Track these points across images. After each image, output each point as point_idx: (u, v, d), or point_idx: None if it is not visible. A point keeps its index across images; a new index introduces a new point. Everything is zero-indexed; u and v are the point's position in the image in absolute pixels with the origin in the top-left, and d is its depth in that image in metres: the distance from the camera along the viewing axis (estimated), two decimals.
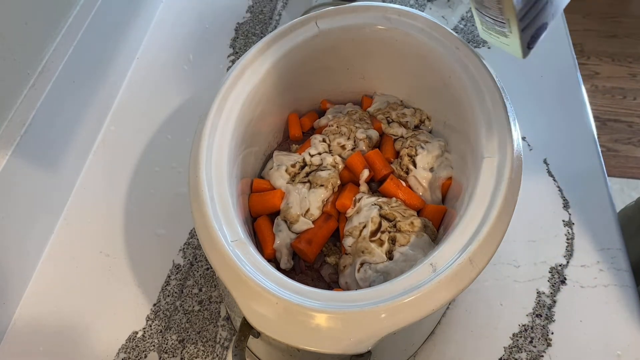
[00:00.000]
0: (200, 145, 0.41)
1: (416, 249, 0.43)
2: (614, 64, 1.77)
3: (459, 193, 0.44)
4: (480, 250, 0.35)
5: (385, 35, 0.50)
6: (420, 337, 0.46)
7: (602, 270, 0.51)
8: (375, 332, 0.33)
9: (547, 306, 0.49)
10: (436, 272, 0.35)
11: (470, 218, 0.38)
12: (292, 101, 0.53)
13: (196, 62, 0.71)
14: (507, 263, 0.52)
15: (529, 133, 0.61)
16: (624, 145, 1.57)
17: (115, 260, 0.53)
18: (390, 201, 0.46)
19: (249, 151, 0.48)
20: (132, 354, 0.47)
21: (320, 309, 0.33)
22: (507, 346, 0.47)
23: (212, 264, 0.36)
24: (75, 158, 0.59)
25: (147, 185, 0.59)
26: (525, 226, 0.54)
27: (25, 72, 0.51)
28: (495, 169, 0.39)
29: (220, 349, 0.47)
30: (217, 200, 0.39)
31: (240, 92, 0.45)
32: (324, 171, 0.48)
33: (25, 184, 0.50)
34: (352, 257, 0.44)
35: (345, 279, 0.44)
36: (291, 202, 0.46)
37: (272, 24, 0.76)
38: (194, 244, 0.54)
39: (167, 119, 0.64)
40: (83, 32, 0.58)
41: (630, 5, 1.96)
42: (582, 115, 0.63)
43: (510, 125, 0.41)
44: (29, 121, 0.50)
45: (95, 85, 0.61)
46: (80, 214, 0.57)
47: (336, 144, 0.51)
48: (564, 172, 0.58)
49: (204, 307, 0.50)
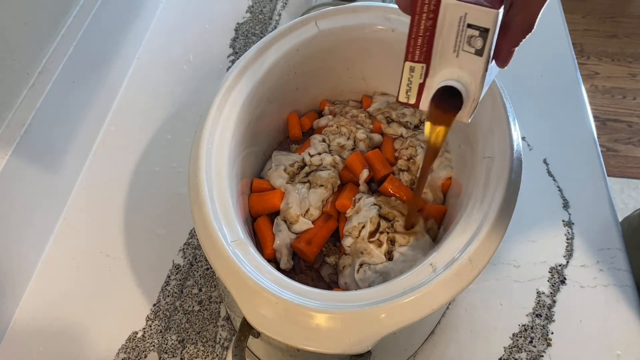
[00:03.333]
0: (200, 145, 0.41)
1: (416, 249, 0.43)
2: (613, 64, 1.77)
3: (459, 193, 0.44)
4: (480, 250, 0.35)
5: (385, 36, 0.50)
6: (420, 337, 0.46)
7: (602, 270, 0.51)
8: (375, 332, 0.33)
9: (547, 306, 0.49)
10: (436, 272, 0.35)
11: (470, 218, 0.38)
12: (292, 101, 0.53)
13: (196, 62, 0.71)
14: (507, 263, 0.52)
15: (529, 133, 0.61)
16: (624, 145, 1.57)
17: (115, 260, 0.53)
18: (390, 200, 0.46)
19: (249, 151, 0.48)
20: (132, 354, 0.47)
21: (320, 309, 0.33)
22: (507, 346, 0.47)
23: (212, 264, 0.36)
24: (75, 158, 0.58)
25: (147, 185, 0.59)
26: (525, 226, 0.54)
27: (25, 72, 0.51)
28: (495, 169, 0.39)
29: (220, 349, 0.47)
30: (217, 200, 0.39)
31: (240, 92, 0.45)
32: (324, 171, 0.48)
33: (25, 184, 0.50)
34: (351, 258, 0.44)
35: (344, 279, 0.44)
36: (291, 202, 0.46)
37: (272, 24, 0.76)
38: (194, 244, 0.54)
39: (167, 119, 0.64)
40: (83, 32, 0.58)
41: (630, 5, 1.96)
42: (582, 115, 0.63)
43: (510, 125, 0.41)
44: (29, 121, 0.50)
45: (95, 85, 0.61)
46: (80, 214, 0.57)
47: (336, 144, 0.51)
48: (564, 172, 0.58)
49: (203, 307, 0.50)
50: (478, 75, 0.32)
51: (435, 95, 0.34)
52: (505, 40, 0.32)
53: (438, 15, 0.31)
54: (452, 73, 0.33)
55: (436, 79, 0.34)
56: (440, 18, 0.31)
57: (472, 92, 0.33)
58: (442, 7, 0.31)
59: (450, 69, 0.33)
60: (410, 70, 0.34)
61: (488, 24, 0.30)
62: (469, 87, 0.33)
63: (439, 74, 0.34)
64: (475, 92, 0.33)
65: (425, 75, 0.34)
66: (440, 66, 0.33)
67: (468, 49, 0.32)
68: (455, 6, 0.31)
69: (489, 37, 0.31)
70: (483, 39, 0.31)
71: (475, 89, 0.33)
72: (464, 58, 0.32)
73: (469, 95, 0.33)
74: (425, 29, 0.32)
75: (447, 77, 0.33)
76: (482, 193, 0.39)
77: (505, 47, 0.32)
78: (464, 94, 0.33)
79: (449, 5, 0.31)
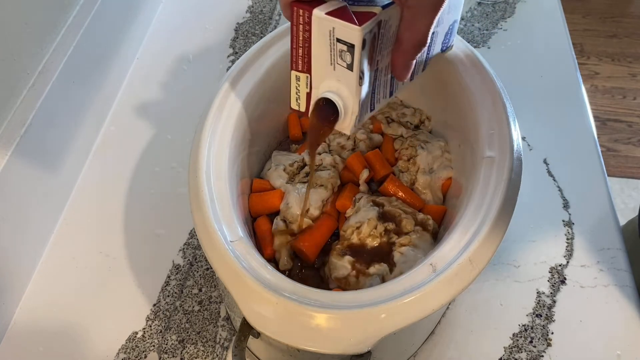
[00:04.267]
0: (200, 145, 0.41)
1: (416, 249, 0.43)
2: (613, 64, 1.77)
3: (459, 193, 0.44)
4: (480, 250, 0.35)
5: None
6: (420, 337, 0.46)
7: (602, 270, 0.51)
8: (375, 332, 0.33)
9: (547, 306, 0.49)
10: (436, 272, 0.35)
11: (470, 218, 0.38)
12: None
13: (196, 62, 0.71)
14: (507, 263, 0.52)
15: (529, 133, 0.61)
16: (624, 145, 1.57)
17: (115, 260, 0.53)
18: (391, 200, 0.46)
19: (249, 151, 0.48)
20: (132, 354, 0.47)
21: (320, 309, 0.33)
22: (507, 346, 0.47)
23: (211, 264, 0.36)
24: (75, 158, 0.58)
25: (147, 185, 0.59)
26: (525, 226, 0.54)
27: (25, 72, 0.51)
28: (495, 169, 0.39)
29: (220, 349, 0.47)
30: (217, 200, 0.39)
31: (240, 92, 0.45)
32: (324, 171, 0.48)
33: (25, 184, 0.50)
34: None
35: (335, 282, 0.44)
36: (291, 202, 0.46)
37: (272, 24, 0.76)
38: (194, 244, 0.54)
39: (167, 119, 0.64)
40: (83, 32, 0.58)
41: (630, 5, 1.96)
42: (582, 115, 0.63)
43: (510, 125, 0.41)
44: (29, 121, 0.50)
45: (95, 85, 0.61)
46: (80, 214, 0.57)
47: (336, 144, 0.51)
48: (564, 172, 0.58)
49: (203, 307, 0.50)
50: (352, 88, 0.32)
51: (317, 106, 0.34)
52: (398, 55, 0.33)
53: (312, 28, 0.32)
54: (332, 85, 0.33)
55: (320, 90, 0.34)
56: (314, 30, 0.32)
57: (350, 106, 0.33)
58: (313, 20, 0.31)
59: (329, 81, 0.33)
60: (296, 79, 0.35)
61: (353, 40, 0.30)
62: (346, 100, 0.33)
63: (322, 85, 0.34)
64: (354, 106, 0.33)
65: (311, 86, 0.35)
66: (322, 77, 0.34)
67: (341, 63, 0.32)
68: (324, 20, 0.31)
69: (356, 53, 0.31)
70: (351, 54, 0.31)
71: (353, 102, 0.33)
72: (339, 71, 0.32)
73: (347, 108, 0.33)
74: (304, 40, 0.33)
75: (327, 89, 0.34)
76: (482, 193, 0.39)
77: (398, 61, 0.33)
78: (340, 107, 0.33)
79: (318, 19, 0.31)
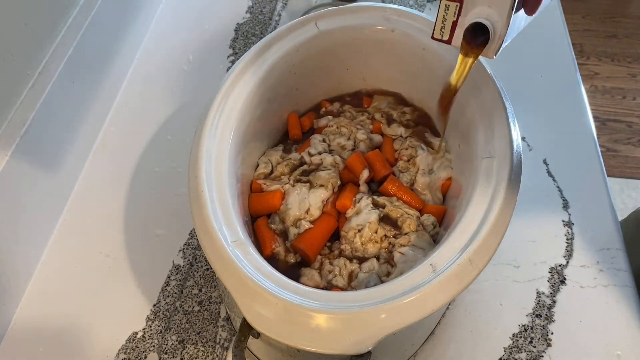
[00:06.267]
0: (200, 145, 0.41)
1: (416, 249, 0.43)
2: (613, 64, 1.77)
3: (459, 193, 0.44)
4: (480, 250, 0.35)
5: (384, 36, 0.50)
6: (420, 337, 0.46)
7: (601, 271, 0.51)
8: (375, 332, 0.33)
9: (547, 306, 0.49)
10: (436, 272, 0.35)
11: (470, 218, 0.38)
12: (292, 101, 0.53)
13: (196, 62, 0.71)
14: (507, 263, 0.52)
15: (529, 133, 0.61)
16: (623, 145, 1.57)
17: (115, 260, 0.53)
18: (392, 200, 0.46)
19: (249, 151, 0.48)
20: (132, 354, 0.47)
21: (320, 309, 0.33)
22: (507, 346, 0.47)
23: (212, 264, 0.36)
24: (75, 158, 0.58)
25: (147, 186, 0.59)
26: (525, 226, 0.54)
27: (25, 72, 0.51)
28: (495, 169, 0.39)
29: (220, 349, 0.47)
30: (217, 200, 0.39)
31: (240, 92, 0.45)
32: (324, 171, 0.48)
33: (25, 184, 0.50)
34: (349, 259, 0.44)
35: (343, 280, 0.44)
36: (290, 203, 0.46)
37: (271, 24, 0.76)
38: (194, 244, 0.54)
39: (167, 119, 0.64)
40: (83, 32, 0.58)
41: (630, 5, 1.96)
42: (582, 115, 0.63)
43: (510, 125, 0.41)
44: (29, 121, 0.50)
45: (95, 85, 0.61)
46: (80, 214, 0.57)
47: (336, 144, 0.51)
48: (563, 172, 0.58)
49: (203, 307, 0.50)
50: (505, 12, 0.35)
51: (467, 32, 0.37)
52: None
53: None
54: (482, 11, 0.36)
55: (468, 17, 0.37)
56: None
57: (499, 30, 0.36)
58: None
59: (481, 7, 0.36)
60: (445, 8, 0.37)
61: None
62: (496, 25, 0.36)
63: (471, 12, 0.36)
64: (502, 30, 0.36)
65: (459, 14, 0.37)
66: (472, 5, 0.36)
67: None
68: None
69: None
70: None
71: (502, 26, 0.35)
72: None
73: (496, 33, 0.36)
74: None
75: (477, 15, 0.36)
76: (482, 193, 0.39)
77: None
78: (491, 31, 0.36)
79: None
